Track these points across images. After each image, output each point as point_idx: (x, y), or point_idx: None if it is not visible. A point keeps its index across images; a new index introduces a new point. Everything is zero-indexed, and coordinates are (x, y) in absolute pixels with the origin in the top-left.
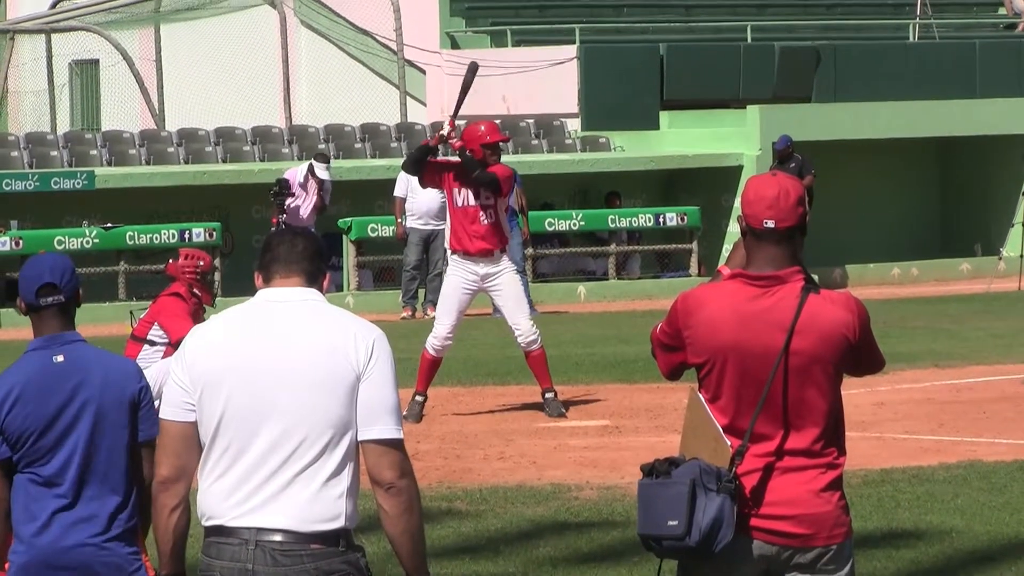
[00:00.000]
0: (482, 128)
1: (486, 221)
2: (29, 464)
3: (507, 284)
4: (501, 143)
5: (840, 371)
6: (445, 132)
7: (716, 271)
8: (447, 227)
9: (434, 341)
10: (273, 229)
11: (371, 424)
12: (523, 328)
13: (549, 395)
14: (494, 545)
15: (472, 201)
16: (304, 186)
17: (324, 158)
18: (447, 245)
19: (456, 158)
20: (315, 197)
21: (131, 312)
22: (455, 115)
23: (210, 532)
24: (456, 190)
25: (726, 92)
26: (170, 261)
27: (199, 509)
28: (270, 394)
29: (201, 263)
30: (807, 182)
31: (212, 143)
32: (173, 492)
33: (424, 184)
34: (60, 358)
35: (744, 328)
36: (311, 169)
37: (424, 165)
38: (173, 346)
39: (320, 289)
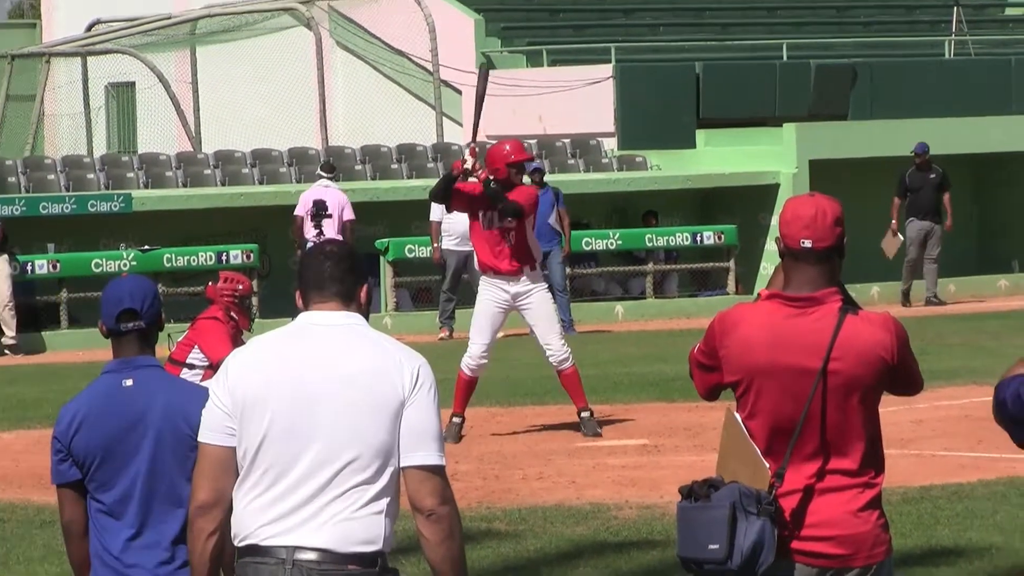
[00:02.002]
0: (507, 147)
1: (510, 243)
2: (95, 489)
3: (538, 303)
4: (527, 162)
5: (878, 392)
6: (469, 165)
7: (757, 294)
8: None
9: (469, 361)
10: (299, 252)
11: (413, 450)
12: (554, 347)
13: (585, 414)
14: (534, 565)
15: (496, 223)
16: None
17: (329, 168)
18: (477, 266)
19: (479, 173)
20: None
21: (169, 335)
22: (475, 134)
23: (245, 552)
24: (482, 214)
25: (762, 110)
26: (209, 283)
27: (234, 529)
28: (313, 418)
29: (240, 287)
30: (945, 199)
31: (249, 165)
32: (211, 517)
33: (451, 209)
34: (129, 382)
35: (779, 348)
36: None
37: (451, 193)
38: (212, 368)
39: (359, 305)
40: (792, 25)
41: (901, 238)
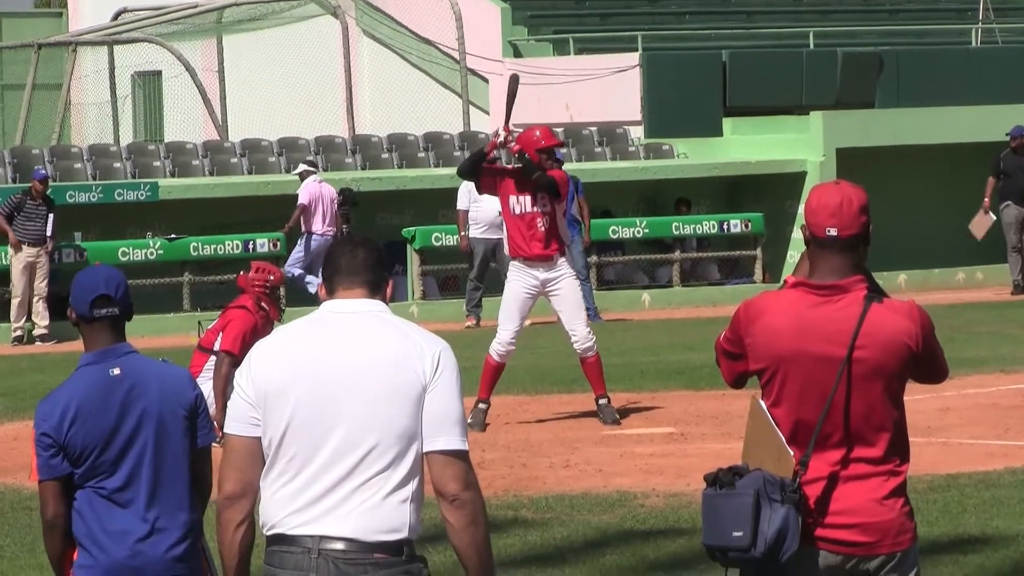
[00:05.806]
0: (537, 133)
1: (543, 227)
2: (91, 478)
3: (566, 289)
4: (556, 148)
5: (903, 380)
6: (501, 138)
7: (783, 282)
8: (505, 235)
9: (498, 347)
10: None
11: (436, 436)
12: (580, 334)
13: (602, 401)
14: (560, 553)
15: (529, 208)
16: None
17: (311, 163)
18: (507, 252)
19: (511, 165)
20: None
21: (199, 322)
22: (507, 121)
23: (272, 541)
24: (513, 197)
25: (789, 98)
26: (241, 272)
27: (261, 518)
28: (336, 405)
29: (271, 278)
30: None
31: (275, 153)
32: (239, 508)
33: (481, 190)
34: (117, 371)
35: (803, 336)
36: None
37: (480, 170)
38: (213, 353)
39: (384, 298)
40: (818, 13)
41: (993, 217)
